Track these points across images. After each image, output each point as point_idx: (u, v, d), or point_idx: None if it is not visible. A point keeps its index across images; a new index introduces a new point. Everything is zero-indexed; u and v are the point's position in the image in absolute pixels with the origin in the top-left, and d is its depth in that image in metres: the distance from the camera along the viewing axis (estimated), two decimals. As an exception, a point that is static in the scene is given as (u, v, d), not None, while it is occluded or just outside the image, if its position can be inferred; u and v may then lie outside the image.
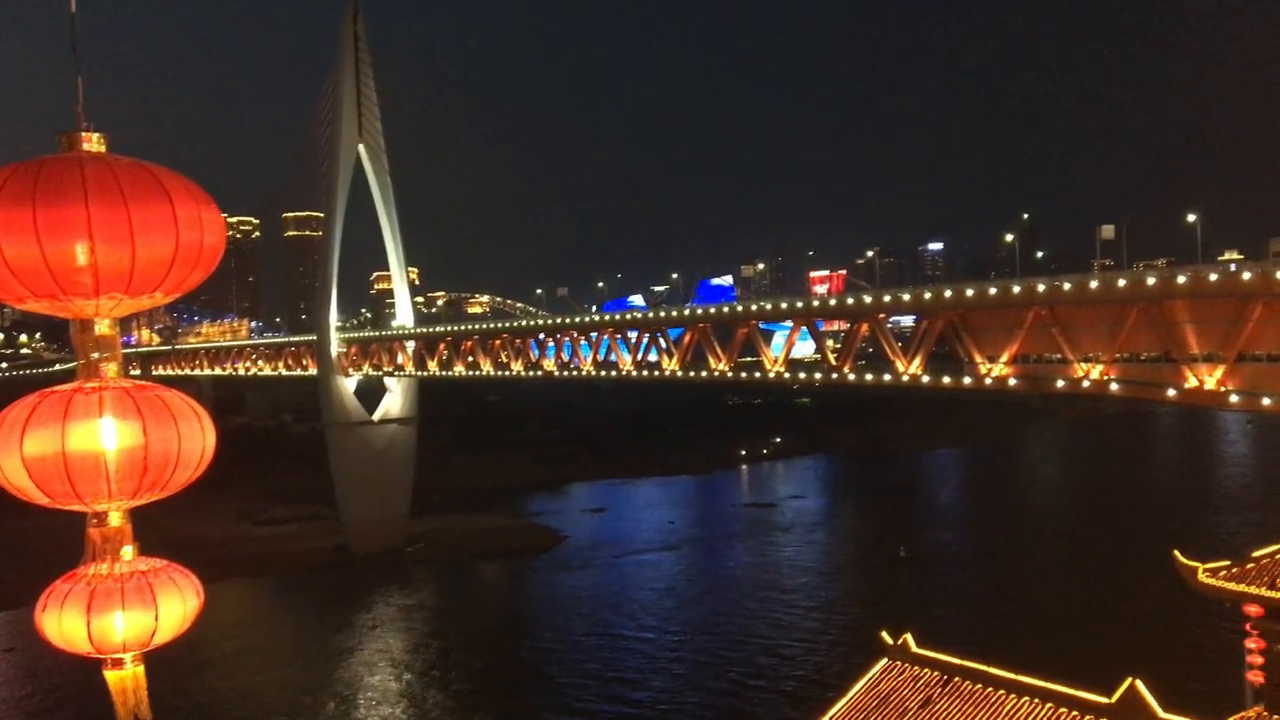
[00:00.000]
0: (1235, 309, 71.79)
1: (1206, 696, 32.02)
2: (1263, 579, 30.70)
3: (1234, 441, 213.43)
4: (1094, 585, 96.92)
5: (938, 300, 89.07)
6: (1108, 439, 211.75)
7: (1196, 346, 74.34)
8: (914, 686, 24.92)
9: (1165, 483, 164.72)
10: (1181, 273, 75.85)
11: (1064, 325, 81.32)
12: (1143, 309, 76.14)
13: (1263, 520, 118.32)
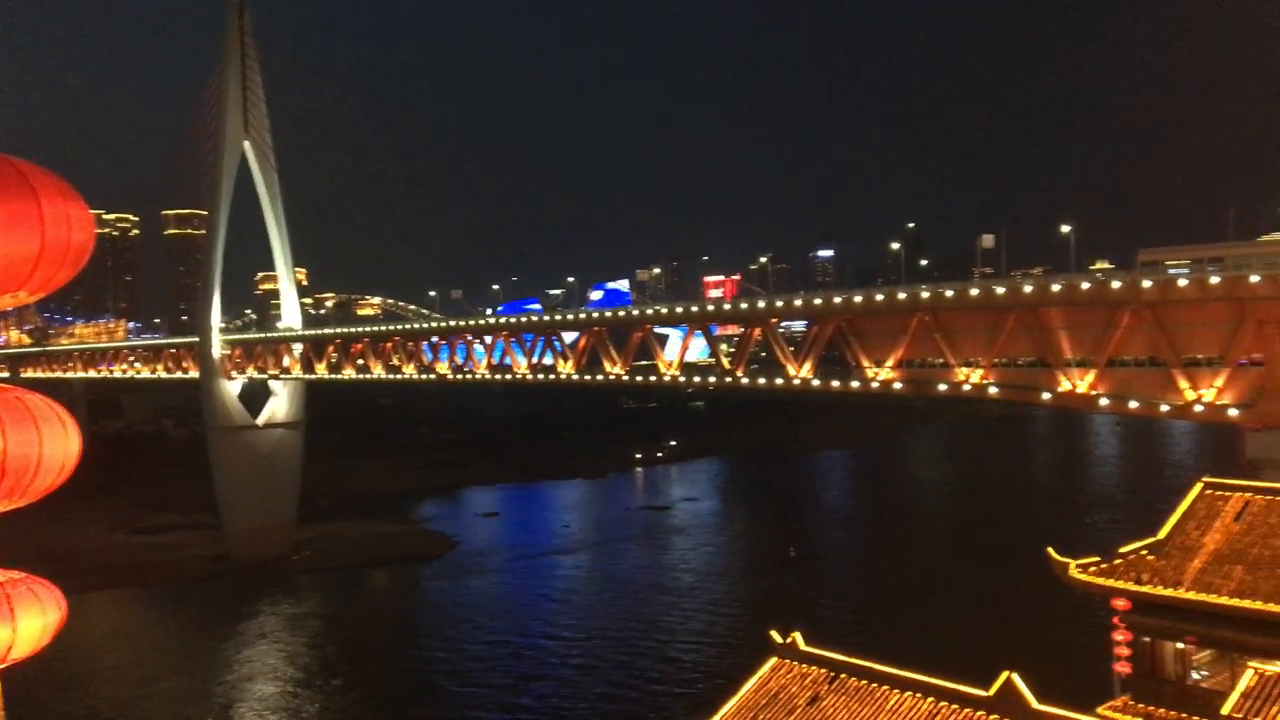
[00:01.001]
0: (1106, 316, 75.19)
1: (1078, 688, 33.33)
2: (1129, 574, 32.20)
3: (1104, 442, 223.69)
4: (974, 583, 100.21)
5: (828, 306, 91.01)
6: (987, 441, 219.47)
7: (1070, 352, 77.61)
8: (802, 684, 25.35)
9: (1041, 482, 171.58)
10: (1056, 281, 79.06)
11: (946, 331, 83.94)
12: (1020, 315, 79.15)
13: (1130, 517, 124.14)
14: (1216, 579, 30.99)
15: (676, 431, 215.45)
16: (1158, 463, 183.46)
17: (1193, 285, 71.24)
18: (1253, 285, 68.03)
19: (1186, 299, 71.46)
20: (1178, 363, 72.49)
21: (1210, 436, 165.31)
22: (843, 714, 23.90)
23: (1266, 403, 69.24)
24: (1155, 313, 72.38)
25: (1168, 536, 33.16)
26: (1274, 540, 31.48)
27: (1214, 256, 74.71)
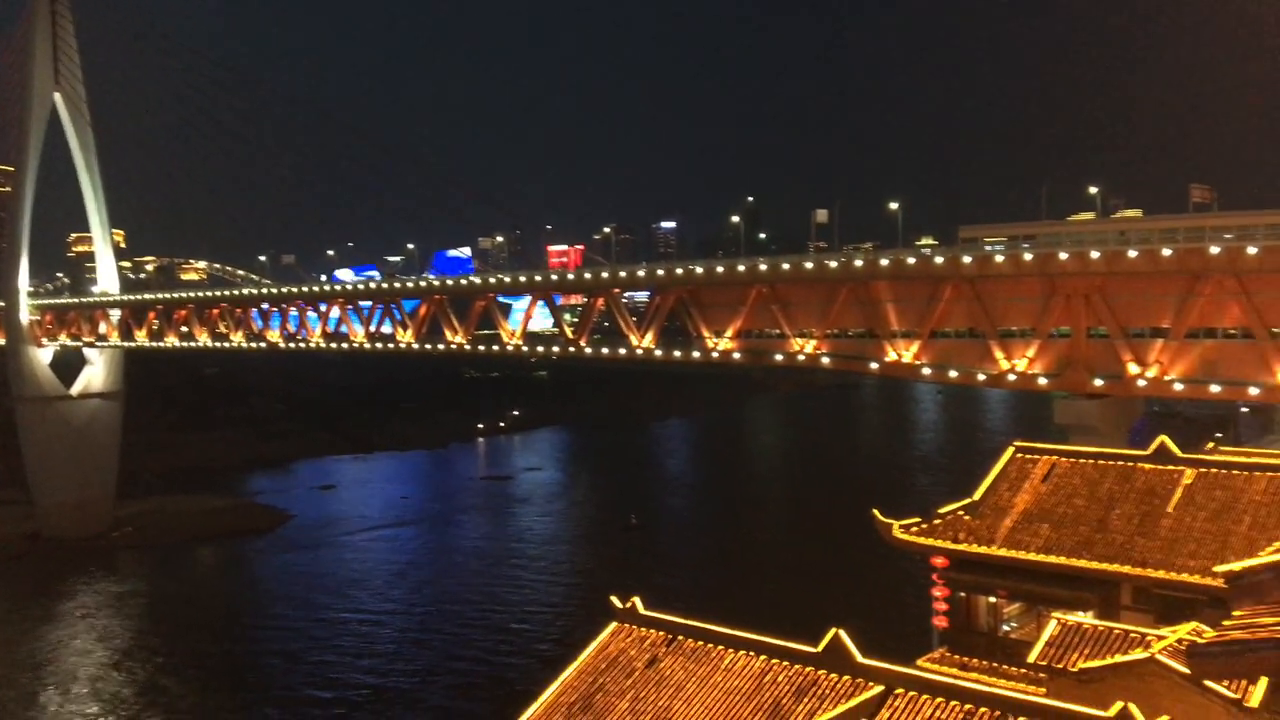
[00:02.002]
0: (929, 290, 78.96)
1: (901, 642, 35.14)
2: (947, 533, 34.11)
3: (927, 410, 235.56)
4: (806, 545, 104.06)
5: (670, 277, 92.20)
6: (820, 409, 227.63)
7: (896, 323, 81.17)
8: (641, 647, 25.84)
9: (869, 448, 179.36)
10: (884, 256, 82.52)
11: (783, 302, 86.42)
12: (851, 288, 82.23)
13: (950, 480, 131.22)
14: (1025, 537, 33.18)
15: (519, 401, 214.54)
16: (976, 428, 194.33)
17: (1008, 261, 75.56)
18: (1062, 262, 72.71)
19: (1002, 274, 75.79)
20: (994, 334, 76.84)
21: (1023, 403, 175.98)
22: (680, 674, 24.49)
23: (1072, 372, 74.33)
24: (974, 287, 76.49)
25: (982, 498, 35.26)
26: (1076, 500, 33.91)
27: (1028, 234, 79.33)
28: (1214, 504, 31.87)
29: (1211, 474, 32.95)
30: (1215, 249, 68.81)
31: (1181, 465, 33.65)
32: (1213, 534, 30.76)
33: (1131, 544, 31.43)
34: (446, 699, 70.20)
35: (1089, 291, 72.31)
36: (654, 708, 23.98)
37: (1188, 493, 32.51)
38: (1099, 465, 35.02)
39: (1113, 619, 29.61)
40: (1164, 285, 70.62)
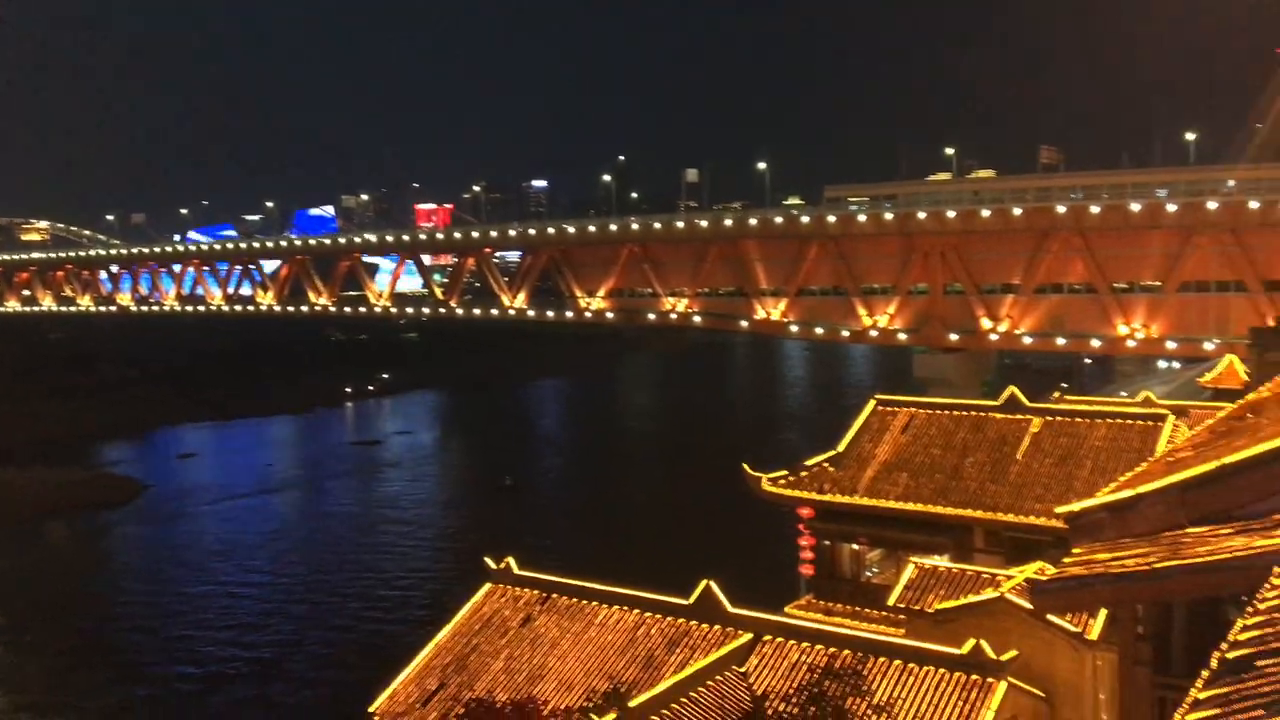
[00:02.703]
0: (796, 248, 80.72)
1: (771, 591, 36.16)
2: (813, 485, 35.16)
3: (795, 366, 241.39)
4: (679, 500, 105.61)
5: (542, 236, 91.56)
6: (693, 367, 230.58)
7: (765, 281, 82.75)
8: (515, 606, 25.91)
9: (740, 405, 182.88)
10: (753, 215, 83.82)
11: (654, 262, 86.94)
12: (721, 247, 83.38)
13: (816, 434, 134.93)
14: (886, 486, 34.49)
15: (389, 364, 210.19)
16: (841, 383, 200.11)
17: (870, 220, 77.75)
18: (920, 221, 75.22)
19: (865, 233, 78.01)
20: (857, 291, 79.06)
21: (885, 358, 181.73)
22: (554, 632, 24.67)
23: (930, 328, 77.23)
24: (839, 245, 78.51)
25: (845, 449, 36.45)
26: (933, 449, 35.38)
27: (889, 194, 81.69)
28: (1059, 450, 33.73)
29: (1057, 422, 34.83)
30: (1062, 208, 72.32)
31: (1029, 415, 35.45)
32: (1058, 478, 32.57)
33: (983, 490, 33.02)
34: (316, 668, 69.00)
35: (945, 250, 75.07)
36: (529, 665, 24.10)
37: (1035, 440, 34.30)
38: (954, 416, 36.58)
39: (966, 561, 31.13)
40: (1015, 243, 73.88)
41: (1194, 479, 13.06)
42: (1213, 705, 7.39)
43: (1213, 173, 76.53)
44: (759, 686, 21.22)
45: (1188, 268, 69.32)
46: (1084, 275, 72.58)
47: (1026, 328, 74.91)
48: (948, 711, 20.15)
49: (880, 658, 21.31)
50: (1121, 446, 32.78)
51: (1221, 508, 12.87)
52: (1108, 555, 12.64)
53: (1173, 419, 33.07)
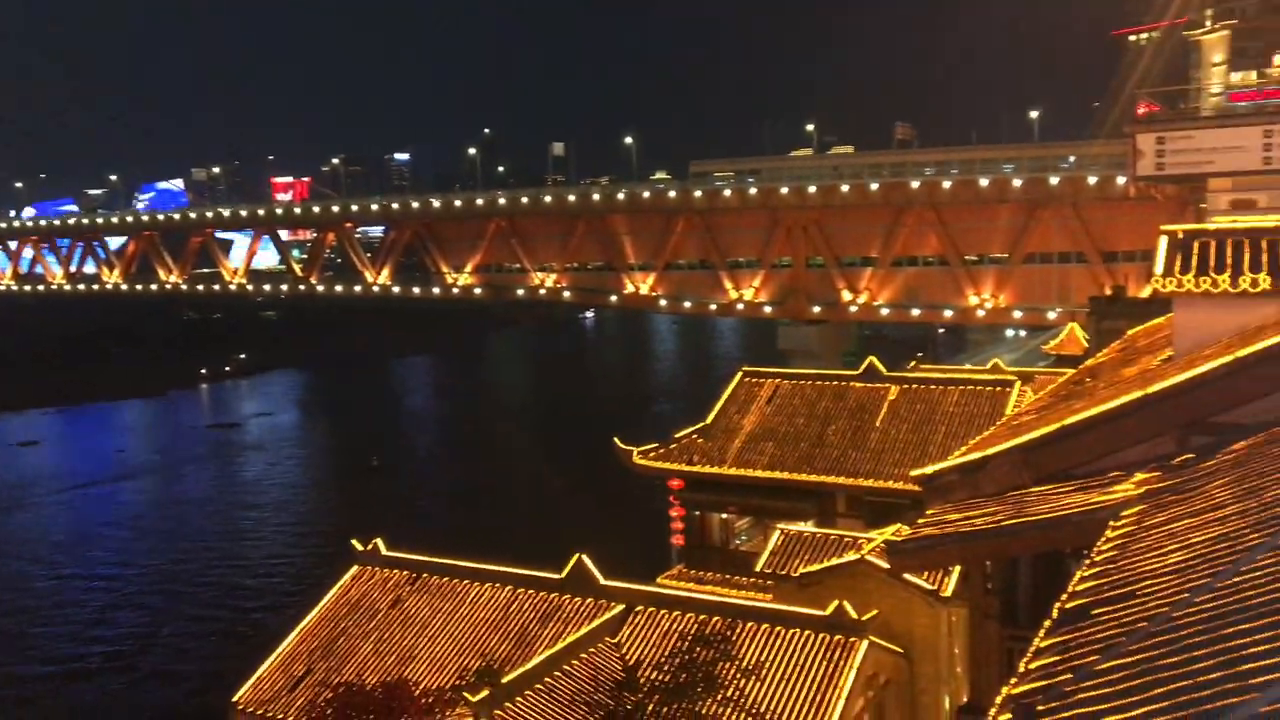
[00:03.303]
0: (664, 223, 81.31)
1: (644, 562, 36.62)
2: (683, 456, 35.66)
3: (665, 340, 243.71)
4: (552, 475, 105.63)
5: (405, 210, 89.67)
6: (563, 343, 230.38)
7: (634, 256, 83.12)
8: (384, 588, 25.51)
9: (612, 379, 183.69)
10: (621, 190, 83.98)
11: (523, 237, 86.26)
12: (589, 222, 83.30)
13: (686, 406, 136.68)
14: (752, 455, 35.24)
15: (246, 344, 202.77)
16: (710, 356, 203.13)
17: (735, 195, 78.91)
18: (783, 196, 76.75)
19: (730, 208, 79.15)
20: (724, 265, 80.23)
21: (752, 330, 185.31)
22: (425, 612, 24.41)
23: (794, 300, 79.07)
24: (705, 220, 79.46)
25: (713, 421, 37.08)
26: (797, 419, 36.31)
27: (753, 169, 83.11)
28: (915, 416, 35.09)
29: (913, 390, 36.21)
30: (916, 183, 74.87)
31: (887, 383, 36.75)
32: (914, 443, 33.89)
33: (845, 457, 34.12)
34: (176, 661, 66.53)
35: (807, 224, 76.81)
36: (399, 647, 23.80)
37: (893, 407, 35.58)
38: (817, 385, 37.61)
39: (830, 526, 32.14)
40: (872, 217, 76.14)
41: (1036, 441, 13.79)
42: (1053, 653, 7.84)
43: (1055, 149, 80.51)
44: (632, 656, 21.48)
45: (1033, 240, 72.75)
46: (937, 248, 75.41)
47: (884, 299, 77.46)
48: (813, 671, 20.84)
49: (749, 622, 21.86)
50: (973, 412, 34.31)
51: (1062, 467, 13.64)
52: (958, 515, 13.23)
53: (1019, 384, 34.76)
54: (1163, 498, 11.03)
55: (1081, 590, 9.12)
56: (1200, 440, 12.61)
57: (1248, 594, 7.20)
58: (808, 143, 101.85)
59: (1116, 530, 10.71)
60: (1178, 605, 7.31)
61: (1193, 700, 5.98)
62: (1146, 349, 19.94)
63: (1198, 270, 14.67)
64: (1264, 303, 14.30)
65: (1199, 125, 35.36)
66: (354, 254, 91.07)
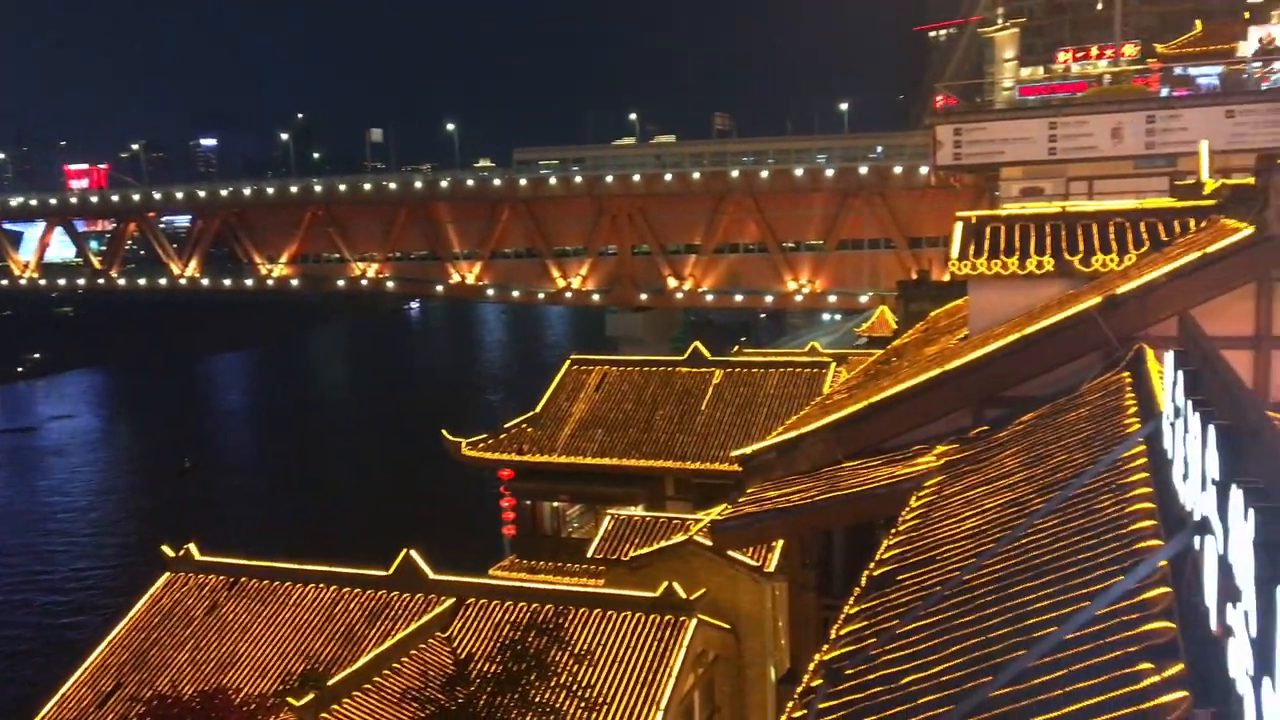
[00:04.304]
0: (488, 211, 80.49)
1: (476, 555, 36.34)
2: (512, 446, 35.52)
3: (493, 330, 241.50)
4: (380, 470, 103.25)
5: (213, 199, 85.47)
6: (388, 334, 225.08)
7: (458, 245, 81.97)
8: (200, 594, 24.36)
9: (440, 370, 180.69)
10: (444, 178, 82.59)
11: (341, 225, 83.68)
12: (411, 210, 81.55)
13: (517, 395, 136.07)
14: (582, 443, 35.46)
15: (40, 342, 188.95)
16: (540, 345, 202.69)
17: (560, 184, 78.94)
18: (608, 184, 77.32)
19: (556, 196, 79.12)
20: (550, 253, 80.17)
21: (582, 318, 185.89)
22: (244, 617, 23.46)
23: (621, 287, 79.84)
24: (530, 208, 79.14)
25: (543, 409, 37.10)
26: (625, 405, 36.76)
27: (577, 157, 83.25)
28: (739, 399, 36.11)
29: (736, 373, 37.25)
30: (735, 173, 76.84)
31: (712, 368, 37.66)
32: (738, 425, 34.89)
33: (673, 441, 34.78)
34: (-29, 684, 61.58)
35: (632, 212, 77.66)
36: (218, 654, 22.80)
37: (717, 391, 36.51)
38: (644, 372, 38.16)
39: (660, 509, 32.72)
40: (695, 206, 77.66)
41: (846, 418, 14.44)
42: (861, 619, 8.27)
43: (864, 140, 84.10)
44: (463, 649, 21.29)
45: (845, 227, 75.83)
46: (757, 235, 77.62)
47: (708, 286, 79.20)
48: (644, 652, 21.20)
49: (581, 608, 22.01)
50: (792, 393, 35.58)
51: (870, 442, 14.34)
52: (776, 492, 13.73)
53: (834, 366, 36.28)
54: (960, 468, 11.77)
55: (887, 558, 9.63)
56: (994, 413, 13.50)
57: (1033, 554, 7.78)
58: (631, 131, 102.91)
59: (919, 500, 11.36)
60: (970, 568, 7.83)
61: (984, 655, 6.43)
62: (946, 329, 21.16)
63: (989, 254, 15.66)
64: (1047, 283, 15.41)
65: (992, 117, 37.70)
66: (158, 245, 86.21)
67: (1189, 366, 6.31)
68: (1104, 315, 12.73)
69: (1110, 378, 11.66)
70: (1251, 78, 39.08)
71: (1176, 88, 38.41)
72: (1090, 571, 6.72)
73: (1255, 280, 12.75)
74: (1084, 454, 9.34)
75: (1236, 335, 12.90)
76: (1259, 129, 32.41)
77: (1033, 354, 13.31)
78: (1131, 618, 5.68)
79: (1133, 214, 15.87)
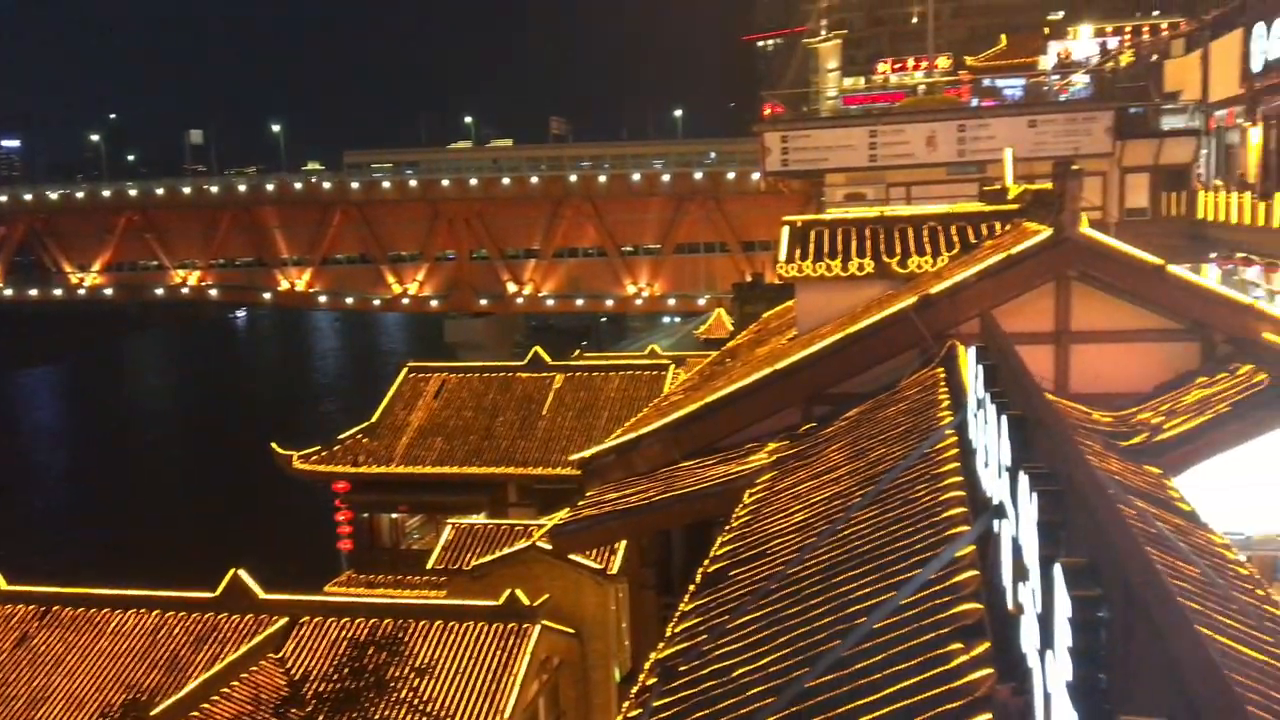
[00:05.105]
0: (319, 215, 78.12)
1: (311, 572, 35.14)
2: (347, 458, 34.58)
3: (327, 338, 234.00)
4: (208, 487, 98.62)
5: (16, 203, 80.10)
6: (213, 343, 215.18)
7: (287, 251, 79.23)
8: (6, 626, 22.68)
9: (271, 381, 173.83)
10: (270, 181, 79.68)
11: (159, 231, 79.64)
12: (235, 215, 78.33)
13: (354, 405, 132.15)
14: (421, 452, 34.82)
15: None
16: (377, 352, 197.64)
17: (394, 188, 77.46)
18: (444, 188, 76.34)
19: (390, 200, 77.54)
20: (385, 259, 78.53)
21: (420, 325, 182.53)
22: (58, 648, 21.98)
23: (459, 293, 78.89)
24: (363, 212, 77.29)
25: (379, 419, 36.24)
26: (465, 412, 36.31)
27: (411, 161, 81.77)
28: (579, 403, 36.22)
29: (577, 377, 37.33)
30: (573, 177, 77.15)
31: (553, 372, 37.63)
32: (579, 429, 34.96)
33: (514, 447, 34.57)
34: None
35: (470, 216, 76.91)
36: (29, 689, 21.31)
37: (558, 396, 36.51)
38: (484, 378, 37.80)
39: (502, 517, 32.48)
40: (534, 210, 77.53)
41: (683, 419, 14.71)
42: (695, 615, 8.43)
43: (698, 145, 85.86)
44: (298, 670, 20.56)
45: (681, 231, 77.14)
46: (596, 240, 78.06)
47: (549, 290, 79.12)
48: (488, 661, 20.98)
49: (422, 621, 21.60)
50: (633, 395, 35.92)
51: (707, 442, 14.64)
52: (616, 494, 13.85)
53: (674, 367, 36.85)
54: (789, 464, 12.16)
55: (721, 554, 9.86)
56: (821, 410, 14.01)
57: (855, 544, 8.11)
58: (467, 135, 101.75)
59: (752, 496, 11.68)
60: (793, 562, 8.10)
61: (809, 645, 6.67)
62: (777, 330, 21.83)
63: (814, 257, 16.25)
64: (869, 284, 16.11)
65: (816, 125, 39.10)
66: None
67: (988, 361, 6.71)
68: (919, 314, 13.39)
69: (926, 373, 12.28)
70: (1051, 90, 41.84)
71: (984, 98, 40.76)
72: (908, 558, 7.06)
73: (1054, 279, 13.66)
74: (902, 446, 9.80)
75: (1039, 331, 13.79)
76: (1058, 138, 34.79)
77: (855, 352, 13.88)
78: (944, 600, 5.99)
79: (945, 218, 16.77)
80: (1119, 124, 35.38)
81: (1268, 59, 28.95)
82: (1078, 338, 13.73)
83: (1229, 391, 12.00)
